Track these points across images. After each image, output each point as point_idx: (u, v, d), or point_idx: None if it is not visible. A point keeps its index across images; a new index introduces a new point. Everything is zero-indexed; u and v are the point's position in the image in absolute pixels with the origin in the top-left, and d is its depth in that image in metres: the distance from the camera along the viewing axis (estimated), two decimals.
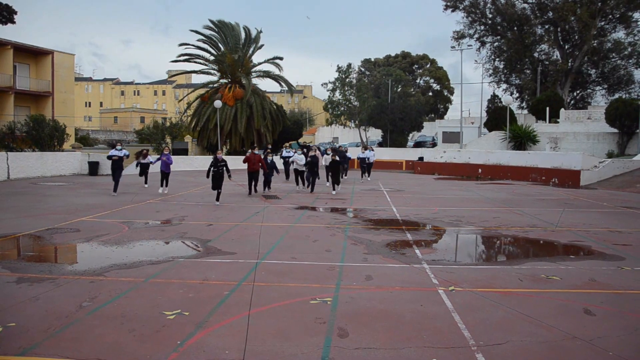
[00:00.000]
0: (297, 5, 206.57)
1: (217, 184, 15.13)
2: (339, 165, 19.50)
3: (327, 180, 20.98)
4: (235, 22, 40.76)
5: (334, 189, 18.98)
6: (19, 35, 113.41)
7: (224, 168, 15.25)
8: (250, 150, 19.69)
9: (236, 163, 24.75)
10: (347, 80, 44.49)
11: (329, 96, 45.57)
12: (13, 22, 32.05)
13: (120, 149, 17.64)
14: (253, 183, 17.98)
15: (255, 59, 42.04)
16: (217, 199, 15.15)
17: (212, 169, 15.11)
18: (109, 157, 17.57)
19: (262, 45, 41.16)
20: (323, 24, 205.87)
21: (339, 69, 44.24)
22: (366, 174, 25.73)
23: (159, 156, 18.51)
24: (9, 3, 31.63)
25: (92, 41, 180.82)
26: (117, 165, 17.32)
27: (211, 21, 39.83)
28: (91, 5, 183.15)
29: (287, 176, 24.32)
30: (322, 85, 52.08)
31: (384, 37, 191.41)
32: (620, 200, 17.77)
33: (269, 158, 19.35)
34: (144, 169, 19.78)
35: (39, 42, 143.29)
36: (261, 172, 18.26)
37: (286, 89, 42.93)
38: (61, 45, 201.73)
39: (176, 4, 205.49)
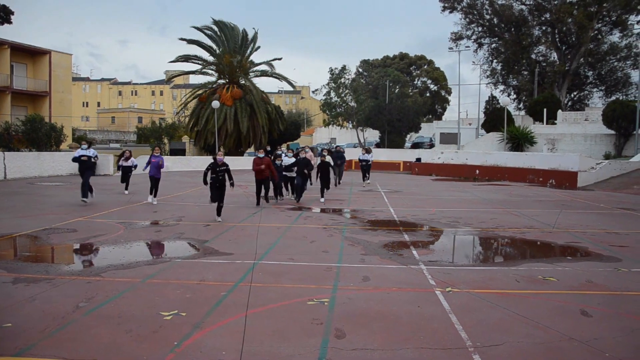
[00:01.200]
0: (296, 5, 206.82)
1: (217, 195, 11.98)
2: (329, 167, 16.97)
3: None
4: (233, 23, 40.74)
5: (322, 195, 16.37)
6: (16, 35, 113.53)
7: (226, 174, 12.13)
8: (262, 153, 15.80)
9: (233, 164, 24.59)
10: (341, 81, 44.48)
11: (325, 99, 45.60)
12: (9, 23, 32.00)
13: (87, 148, 14.69)
14: (262, 191, 15.12)
15: (254, 58, 41.98)
16: (219, 214, 12.11)
17: (210, 174, 12.04)
18: (75, 159, 14.48)
19: (258, 47, 41.18)
20: (322, 25, 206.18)
21: (331, 71, 44.28)
22: (367, 177, 23.79)
23: (149, 157, 15.35)
24: (6, 4, 31.57)
25: (89, 41, 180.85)
26: (86, 167, 14.43)
27: (213, 20, 39.85)
28: (88, 5, 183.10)
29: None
30: (312, 92, 51.93)
31: (382, 38, 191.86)
32: (617, 201, 17.81)
33: (277, 162, 16.40)
34: (125, 173, 17.75)
35: (36, 42, 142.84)
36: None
37: (284, 89, 43.07)
38: (58, 45, 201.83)
39: (173, 4, 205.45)
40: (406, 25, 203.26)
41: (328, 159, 18.22)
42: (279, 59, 41.13)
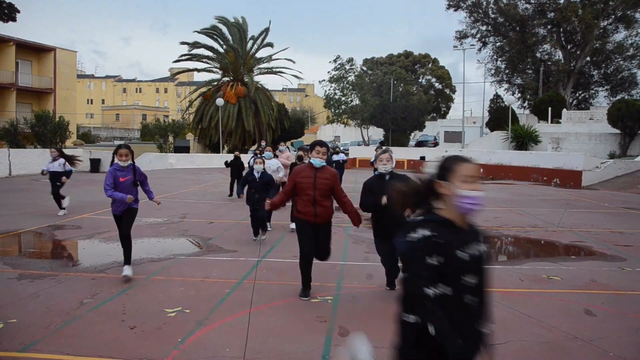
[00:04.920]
0: (298, 2, 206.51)
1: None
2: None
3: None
4: (236, 19, 40.65)
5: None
6: (20, 32, 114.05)
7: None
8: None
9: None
10: (344, 72, 44.36)
11: (326, 93, 45.53)
12: (14, 20, 32.09)
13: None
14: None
15: (260, 55, 41.97)
16: None
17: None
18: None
19: (267, 44, 41.04)
20: (325, 23, 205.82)
21: (335, 60, 44.10)
22: None
23: (109, 171, 6.88)
24: (12, 2, 31.65)
25: (92, 39, 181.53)
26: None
27: (217, 18, 39.89)
28: (90, 2, 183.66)
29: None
30: (319, 82, 51.83)
31: (385, 37, 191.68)
32: (621, 201, 17.74)
33: (256, 171, 9.21)
34: (54, 181, 12.13)
35: (40, 38, 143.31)
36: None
37: (288, 87, 43.13)
38: (61, 43, 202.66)
39: (174, 1, 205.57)
40: (409, 24, 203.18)
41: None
42: (292, 61, 41.03)
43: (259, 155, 9.81)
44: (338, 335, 4.88)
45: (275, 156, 12.32)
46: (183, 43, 39.43)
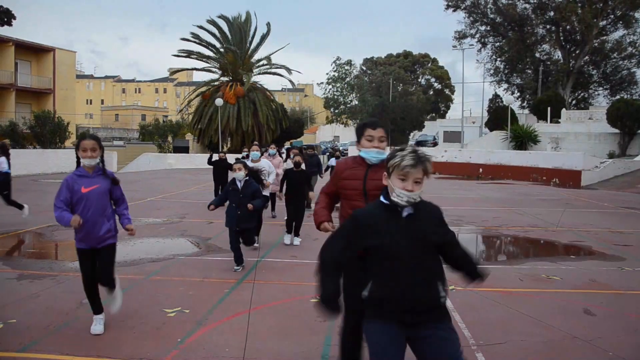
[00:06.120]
0: (298, 2, 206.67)
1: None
2: (305, 182, 9.18)
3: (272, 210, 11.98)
4: (240, 15, 40.57)
5: (290, 231, 9.19)
6: (18, 32, 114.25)
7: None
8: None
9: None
10: (344, 75, 44.49)
11: (325, 94, 45.62)
12: (10, 25, 32.17)
13: None
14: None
15: (260, 53, 41.97)
16: None
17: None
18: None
19: (263, 39, 40.89)
20: (324, 22, 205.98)
21: (335, 61, 44.20)
22: None
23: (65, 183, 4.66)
24: (10, 7, 31.79)
25: (90, 38, 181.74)
26: None
27: (223, 16, 39.82)
28: (89, 1, 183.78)
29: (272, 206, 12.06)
30: (317, 84, 52.09)
31: (384, 37, 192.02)
32: (621, 200, 17.74)
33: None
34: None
35: (38, 39, 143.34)
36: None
37: (287, 87, 43.21)
38: (60, 43, 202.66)
39: (172, 1, 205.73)
40: (408, 24, 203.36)
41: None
42: (287, 67, 40.59)
43: (240, 160, 7.38)
44: (338, 335, 4.87)
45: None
46: (183, 39, 39.44)
